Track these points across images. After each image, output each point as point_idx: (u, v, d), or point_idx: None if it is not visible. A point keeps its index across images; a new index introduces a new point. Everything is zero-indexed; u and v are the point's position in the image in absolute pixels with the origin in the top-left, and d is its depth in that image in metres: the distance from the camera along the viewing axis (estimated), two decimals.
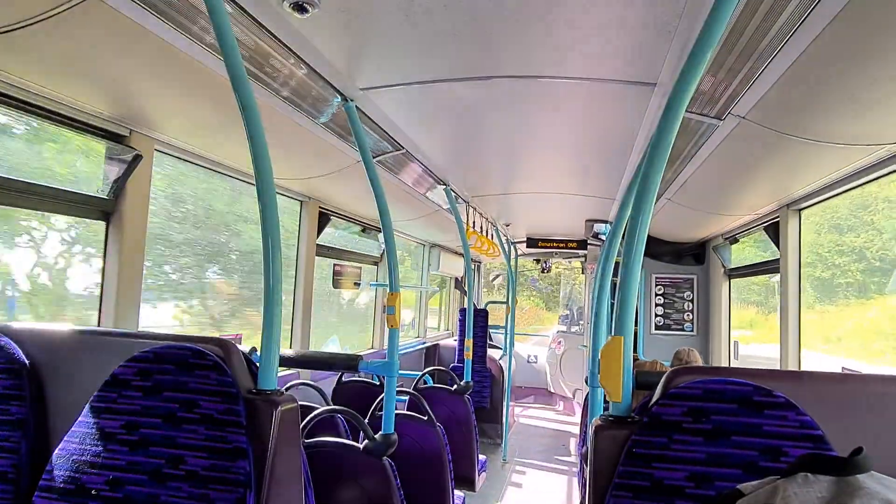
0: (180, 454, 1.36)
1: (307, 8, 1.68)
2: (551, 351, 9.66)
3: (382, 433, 2.45)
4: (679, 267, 5.87)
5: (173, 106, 2.30)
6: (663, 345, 5.68)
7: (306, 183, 3.62)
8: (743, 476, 1.13)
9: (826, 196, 3.10)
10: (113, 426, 1.42)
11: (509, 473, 6.02)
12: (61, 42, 1.68)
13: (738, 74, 1.93)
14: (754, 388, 1.17)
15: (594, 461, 1.28)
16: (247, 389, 1.46)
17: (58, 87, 2.01)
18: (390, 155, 3.25)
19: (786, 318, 3.58)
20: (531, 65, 2.13)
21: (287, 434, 1.45)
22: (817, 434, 1.13)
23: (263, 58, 1.98)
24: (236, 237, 3.77)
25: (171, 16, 1.66)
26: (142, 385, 1.43)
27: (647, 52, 1.94)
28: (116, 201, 2.46)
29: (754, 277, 5.00)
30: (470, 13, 1.73)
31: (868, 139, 2.23)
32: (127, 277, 2.48)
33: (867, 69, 1.66)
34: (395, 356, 2.51)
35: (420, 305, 7.55)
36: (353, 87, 2.32)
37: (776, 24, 1.56)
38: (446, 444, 3.37)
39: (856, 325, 3.80)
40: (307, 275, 4.15)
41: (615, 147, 3.14)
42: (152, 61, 1.88)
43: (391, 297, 2.58)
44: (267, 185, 1.52)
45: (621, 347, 1.34)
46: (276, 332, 1.54)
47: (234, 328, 3.80)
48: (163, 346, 1.45)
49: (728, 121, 2.30)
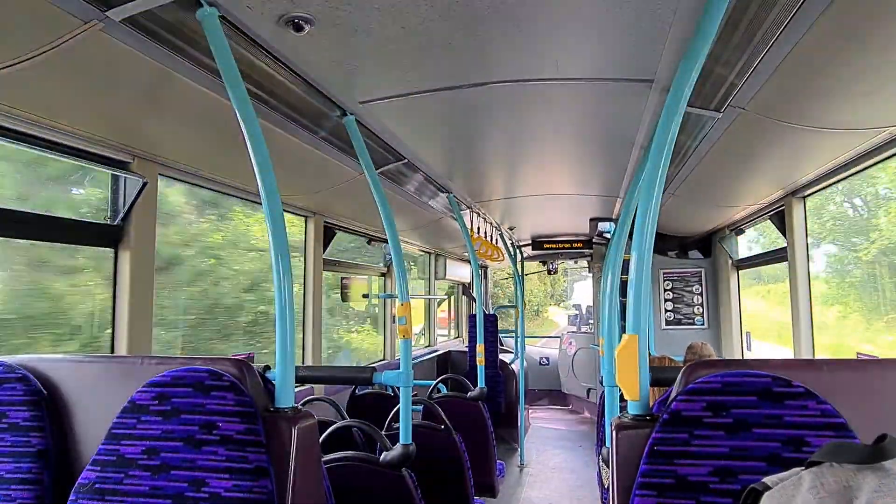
0: (202, 477, 1.36)
1: (303, 26, 1.69)
2: (563, 352, 9.63)
3: (400, 444, 2.44)
4: (686, 261, 5.85)
5: (176, 130, 2.32)
6: (675, 340, 5.65)
7: (311, 198, 3.63)
8: (767, 468, 1.12)
9: (830, 182, 3.09)
10: (134, 452, 1.42)
11: (527, 477, 5.99)
12: (62, 74, 1.70)
13: (735, 66, 1.93)
14: (773, 379, 1.17)
15: (616, 461, 1.28)
16: (264, 408, 1.47)
17: (60, 118, 2.03)
18: (392, 166, 3.26)
19: (797, 306, 3.56)
20: (527, 69, 2.14)
21: (307, 450, 1.45)
22: (839, 422, 1.13)
23: (263, 77, 2.00)
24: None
25: (170, 42, 1.67)
26: (160, 409, 1.43)
27: (642, 50, 1.94)
28: (124, 227, 2.47)
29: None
30: (465, 21, 1.74)
31: (868, 124, 2.23)
32: (138, 302, 2.49)
33: (864, 55, 1.66)
34: (409, 366, 2.51)
35: (430, 313, 7.55)
36: (353, 100, 2.33)
37: (771, 14, 1.56)
38: (464, 452, 3.36)
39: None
40: (316, 290, 4.16)
41: (616, 145, 3.14)
42: (153, 88, 1.90)
43: (402, 308, 2.57)
44: (274, 204, 1.53)
45: (636, 346, 1.34)
46: (291, 350, 1.55)
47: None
48: (178, 369, 1.46)
49: (728, 112, 2.30)
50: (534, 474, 6.10)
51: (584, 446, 7.13)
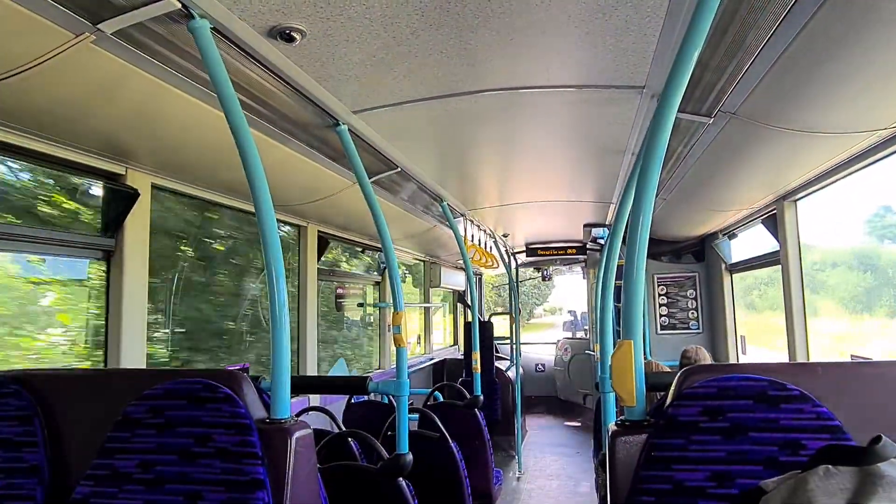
0: (198, 490, 1.35)
1: (294, 37, 1.70)
2: (558, 358, 9.63)
3: (397, 453, 2.43)
4: (680, 265, 5.87)
5: (168, 142, 2.32)
6: (670, 345, 5.65)
7: (304, 208, 3.63)
8: (764, 472, 1.12)
9: (821, 185, 3.11)
10: (128, 466, 1.41)
11: (525, 484, 5.97)
12: (53, 87, 1.70)
13: (724, 71, 1.94)
14: (769, 382, 1.17)
15: (613, 468, 1.28)
16: (260, 419, 1.45)
17: (51, 130, 2.02)
18: (385, 175, 3.26)
19: (790, 309, 3.58)
20: (518, 77, 2.15)
21: (303, 461, 1.44)
22: (835, 424, 1.13)
23: (254, 88, 2.00)
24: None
25: (162, 55, 1.67)
26: (154, 422, 1.42)
27: (632, 57, 1.95)
28: (116, 240, 2.46)
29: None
30: (455, 30, 1.75)
31: (857, 127, 2.25)
32: (131, 315, 2.47)
33: (852, 59, 1.67)
34: (405, 375, 2.50)
35: (425, 322, 7.54)
36: (345, 110, 2.34)
37: (760, 19, 1.58)
38: (461, 460, 3.34)
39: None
40: (310, 300, 4.15)
41: (608, 151, 3.16)
42: (144, 100, 1.89)
43: (396, 316, 2.57)
44: (267, 214, 1.52)
45: (632, 351, 1.34)
46: (286, 360, 1.54)
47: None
48: (172, 381, 1.45)
49: (718, 118, 2.31)
50: (531, 482, 6.08)
51: (581, 453, 7.12)
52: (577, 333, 9.82)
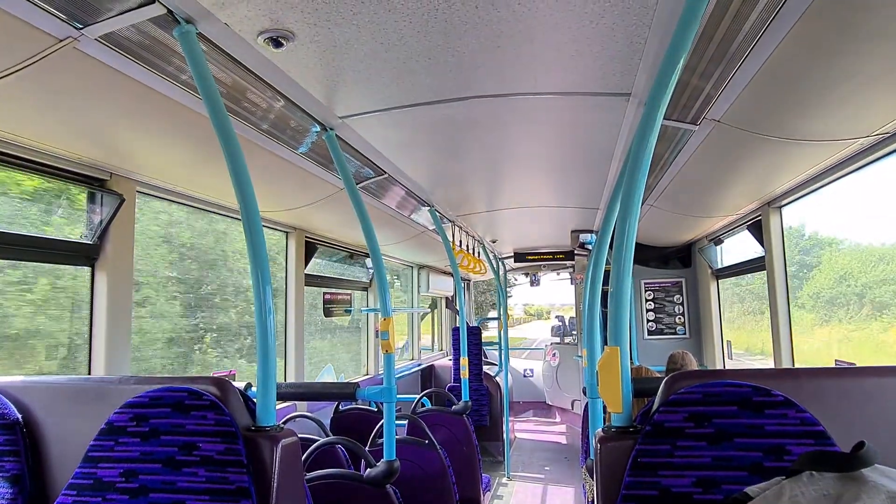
0: (182, 499, 1.33)
1: (282, 42, 1.69)
2: (547, 363, 9.65)
3: (384, 460, 2.42)
4: (667, 271, 5.91)
5: (153, 147, 2.30)
6: (657, 350, 5.69)
7: (291, 213, 3.61)
8: (749, 478, 1.13)
9: (805, 192, 3.15)
10: (111, 475, 1.39)
11: (513, 490, 5.97)
12: (37, 91, 1.68)
13: (710, 79, 1.96)
14: (753, 388, 1.18)
15: (600, 474, 1.28)
16: (245, 427, 1.44)
17: (34, 135, 2.00)
18: (373, 180, 3.25)
19: (776, 314, 3.61)
20: (506, 83, 2.16)
21: (289, 469, 1.43)
22: (818, 430, 1.14)
23: (241, 93, 1.99)
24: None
25: (147, 59, 1.66)
26: (138, 430, 1.41)
27: (619, 64, 1.97)
28: (101, 246, 2.43)
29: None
30: (443, 36, 1.75)
31: (841, 134, 2.28)
32: (115, 322, 2.44)
33: (835, 67, 1.70)
34: (393, 381, 2.49)
35: (413, 327, 7.52)
36: (332, 115, 2.34)
37: (744, 28, 1.60)
38: (448, 467, 3.34)
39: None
40: (297, 306, 4.13)
41: (595, 157, 3.17)
42: (130, 104, 1.88)
43: (384, 322, 2.56)
44: (253, 220, 1.52)
45: (618, 357, 1.35)
46: (272, 367, 1.53)
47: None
48: (157, 389, 1.43)
49: (703, 125, 2.34)
50: (519, 487, 6.07)
51: (568, 458, 7.13)
52: (565, 338, 9.84)
